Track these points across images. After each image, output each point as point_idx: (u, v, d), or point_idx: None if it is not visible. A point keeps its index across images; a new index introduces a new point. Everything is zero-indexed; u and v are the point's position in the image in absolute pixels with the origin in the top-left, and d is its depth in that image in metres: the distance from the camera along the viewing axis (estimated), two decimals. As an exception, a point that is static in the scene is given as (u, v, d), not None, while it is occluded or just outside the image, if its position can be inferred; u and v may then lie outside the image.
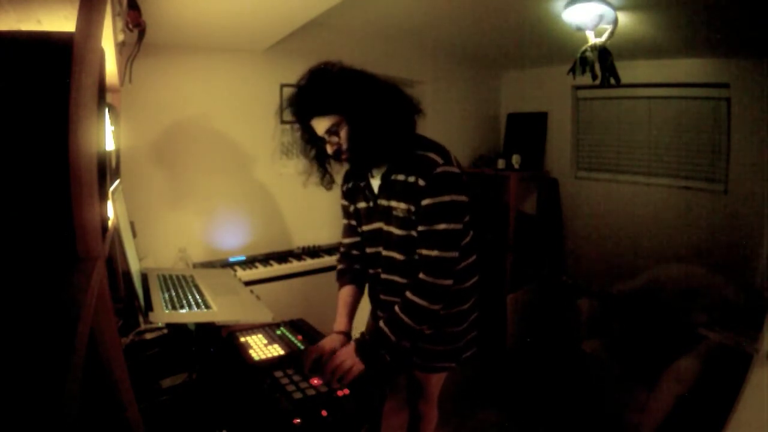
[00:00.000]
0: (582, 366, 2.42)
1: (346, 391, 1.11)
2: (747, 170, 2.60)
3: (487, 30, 2.65)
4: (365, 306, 1.49)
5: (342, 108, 1.17)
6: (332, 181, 1.37)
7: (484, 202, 3.52)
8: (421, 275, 1.20)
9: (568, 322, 2.72)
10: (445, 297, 1.22)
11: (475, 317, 1.42)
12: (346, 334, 1.36)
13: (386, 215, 1.28)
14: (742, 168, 2.62)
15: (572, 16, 2.15)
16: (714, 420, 1.46)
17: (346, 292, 1.44)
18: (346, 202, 1.44)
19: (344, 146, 1.21)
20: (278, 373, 1.17)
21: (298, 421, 0.99)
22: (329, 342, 1.29)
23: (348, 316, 1.40)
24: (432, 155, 1.20)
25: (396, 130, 1.21)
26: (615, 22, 2.13)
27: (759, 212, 2.52)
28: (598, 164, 3.37)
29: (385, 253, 1.32)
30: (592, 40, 2.18)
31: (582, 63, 2.20)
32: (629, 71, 2.59)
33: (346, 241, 1.48)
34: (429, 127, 1.34)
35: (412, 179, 1.20)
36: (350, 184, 1.41)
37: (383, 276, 1.36)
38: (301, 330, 1.46)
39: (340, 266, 1.49)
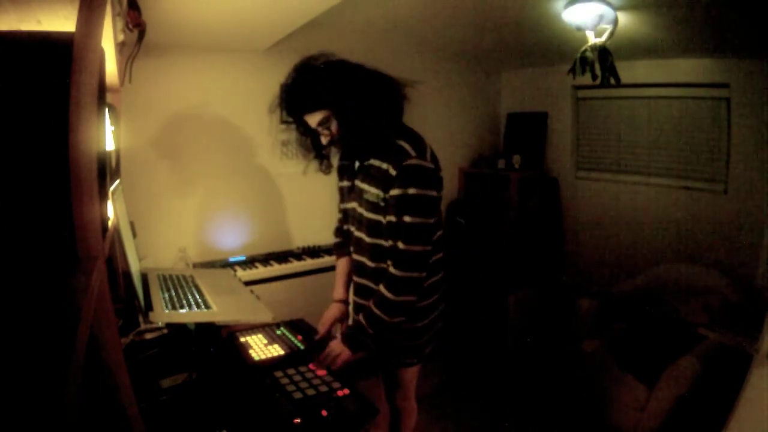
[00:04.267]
0: (582, 366, 2.42)
1: (346, 391, 1.11)
2: (747, 170, 2.59)
3: (487, 30, 2.65)
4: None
5: (328, 103, 1.21)
6: (330, 166, 1.43)
7: (484, 202, 3.52)
8: (390, 268, 1.25)
9: (568, 322, 2.72)
10: (415, 289, 1.26)
11: (437, 314, 1.44)
12: (344, 302, 1.47)
13: (359, 197, 1.33)
14: (742, 168, 2.62)
15: (572, 16, 2.15)
16: (714, 420, 1.45)
17: (342, 263, 1.53)
18: (338, 179, 1.49)
19: (336, 137, 1.26)
20: (278, 373, 1.18)
21: (298, 421, 0.99)
22: (329, 312, 1.45)
23: (344, 285, 1.52)
24: (406, 146, 1.23)
25: (382, 117, 1.24)
26: (615, 22, 2.13)
27: (759, 212, 2.52)
28: (598, 164, 3.37)
29: (356, 233, 1.38)
30: (592, 40, 2.18)
31: (582, 63, 2.20)
32: (629, 71, 2.59)
33: (340, 216, 1.54)
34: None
35: (384, 166, 1.24)
36: (342, 163, 1.46)
37: (354, 256, 1.41)
38: (301, 330, 1.46)
39: (336, 240, 1.56)
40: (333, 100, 1.21)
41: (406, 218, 1.20)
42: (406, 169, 1.19)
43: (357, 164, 1.34)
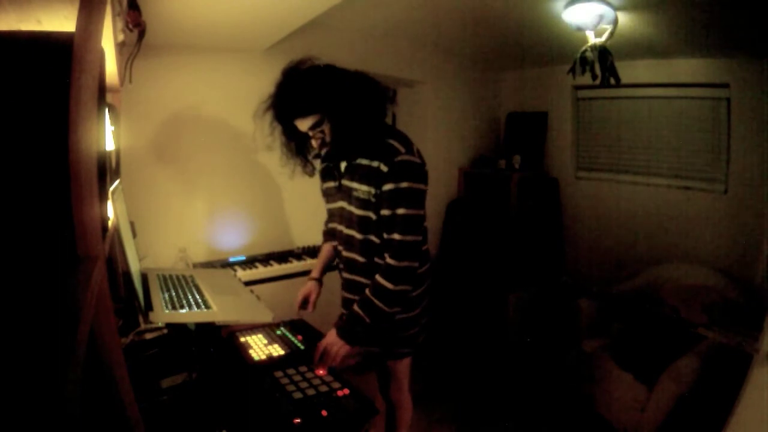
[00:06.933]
0: (582, 366, 2.42)
1: (346, 391, 1.11)
2: (747, 170, 2.59)
3: (487, 30, 2.65)
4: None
5: (320, 107, 1.24)
6: (314, 169, 1.50)
7: (484, 202, 3.52)
8: (386, 259, 1.30)
9: (568, 322, 2.72)
10: (410, 278, 1.30)
11: (426, 304, 1.50)
12: (318, 280, 1.63)
13: (348, 195, 1.38)
14: (742, 168, 2.62)
15: (572, 16, 2.16)
16: (714, 420, 1.45)
17: (326, 247, 1.67)
18: (321, 182, 1.55)
19: (328, 139, 1.30)
20: (278, 373, 1.18)
21: (298, 421, 0.99)
22: (304, 289, 1.59)
23: (322, 265, 1.66)
24: (395, 144, 1.28)
25: (372, 118, 1.29)
26: (615, 22, 2.13)
27: (759, 212, 2.52)
28: (598, 164, 3.37)
29: (345, 231, 1.42)
30: (592, 40, 2.18)
31: (582, 63, 2.20)
32: (629, 71, 2.60)
33: (328, 214, 1.62)
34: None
35: (375, 164, 1.29)
36: (325, 165, 1.50)
37: (344, 254, 1.45)
38: (301, 330, 1.46)
39: (324, 229, 1.71)
40: (325, 104, 1.23)
41: (400, 210, 1.26)
42: (398, 164, 1.25)
43: (344, 164, 1.38)
